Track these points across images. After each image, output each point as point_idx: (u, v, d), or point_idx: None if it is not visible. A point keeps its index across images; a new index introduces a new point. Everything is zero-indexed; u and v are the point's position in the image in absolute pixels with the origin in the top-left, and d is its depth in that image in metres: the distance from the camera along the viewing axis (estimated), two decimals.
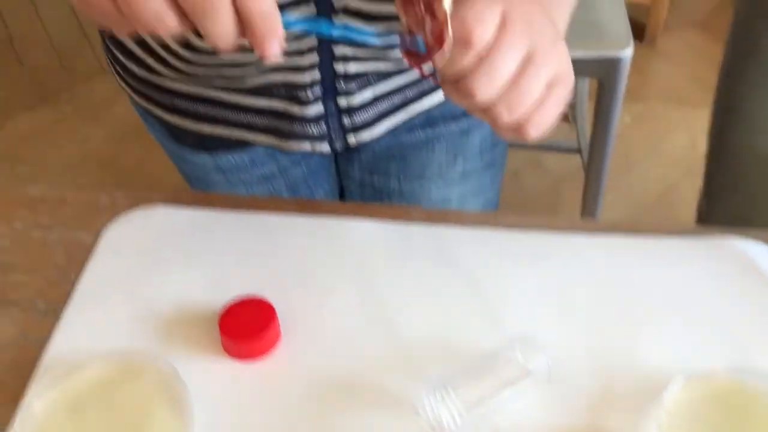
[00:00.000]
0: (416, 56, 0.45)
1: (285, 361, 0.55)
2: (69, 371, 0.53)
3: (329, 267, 0.61)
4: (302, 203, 0.66)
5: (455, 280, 0.59)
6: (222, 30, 0.39)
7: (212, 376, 0.54)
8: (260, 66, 0.63)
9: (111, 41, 0.70)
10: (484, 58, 0.43)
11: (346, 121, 0.68)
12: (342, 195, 0.91)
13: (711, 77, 2.30)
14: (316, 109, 0.66)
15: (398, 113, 0.71)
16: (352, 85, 0.65)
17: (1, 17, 2.42)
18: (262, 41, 0.40)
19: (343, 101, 0.66)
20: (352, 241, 0.63)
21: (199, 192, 0.67)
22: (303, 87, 0.64)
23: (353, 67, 0.64)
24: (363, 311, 0.58)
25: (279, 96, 0.66)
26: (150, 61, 0.67)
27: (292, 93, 0.66)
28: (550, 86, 0.46)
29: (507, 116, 0.45)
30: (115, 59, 0.72)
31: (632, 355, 0.54)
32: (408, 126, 0.76)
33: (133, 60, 0.69)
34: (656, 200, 1.86)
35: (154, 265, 0.61)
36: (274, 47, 0.40)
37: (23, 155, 2.00)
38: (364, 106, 0.68)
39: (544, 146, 1.67)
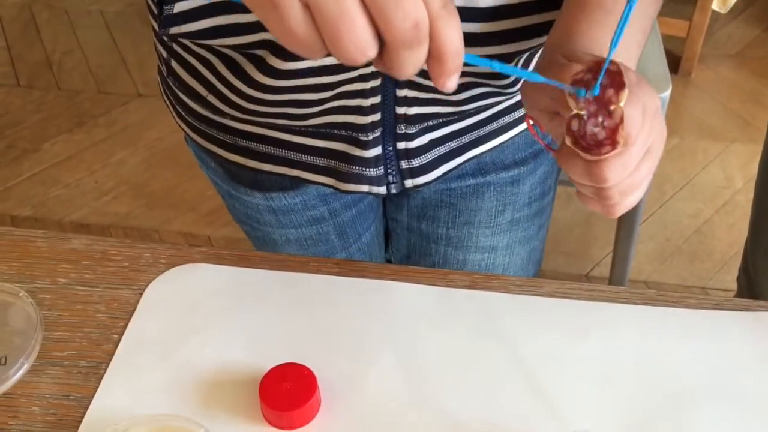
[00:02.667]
0: (581, 139, 0.44)
1: (325, 431, 0.55)
2: None
3: (370, 332, 0.61)
4: (343, 264, 0.66)
5: (499, 351, 0.59)
6: (417, 66, 0.38)
7: None
8: (323, 105, 0.63)
9: (174, 81, 0.71)
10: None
11: (404, 164, 0.68)
12: (387, 238, 0.91)
13: (746, 111, 2.28)
14: (375, 151, 0.67)
15: (454, 158, 0.71)
16: (412, 128, 0.66)
17: (40, 41, 2.46)
18: (449, 75, 0.39)
19: (401, 144, 0.67)
20: (394, 304, 0.62)
21: (239, 250, 0.67)
22: (363, 129, 0.65)
23: (414, 110, 0.64)
24: (405, 382, 0.57)
25: (339, 138, 0.67)
26: (213, 99, 0.67)
27: (352, 135, 0.66)
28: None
29: (617, 198, 0.46)
30: (176, 99, 0.73)
31: None
32: (459, 173, 0.76)
33: (197, 99, 0.69)
34: (690, 235, 1.84)
35: (194, 326, 0.61)
36: (455, 81, 0.39)
37: (58, 178, 2.02)
38: (421, 150, 0.68)
39: None
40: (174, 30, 0.60)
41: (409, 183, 0.70)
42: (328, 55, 0.38)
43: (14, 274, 0.65)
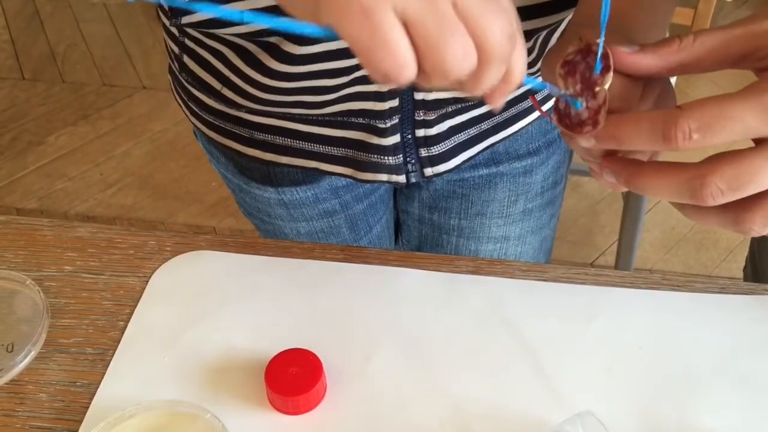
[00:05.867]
0: (565, 117, 0.45)
1: (330, 416, 0.55)
2: (116, 421, 0.54)
3: (375, 317, 0.61)
4: (349, 250, 0.66)
5: (504, 336, 0.59)
6: (495, 84, 0.38)
7: (257, 430, 0.54)
8: (340, 91, 0.63)
9: (186, 77, 0.70)
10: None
11: (423, 152, 0.68)
12: (397, 229, 0.91)
13: None
14: (393, 139, 0.66)
15: (473, 145, 0.71)
16: (431, 114, 0.66)
17: (44, 34, 2.47)
18: (506, 96, 0.40)
19: (420, 132, 0.66)
20: (399, 290, 0.62)
21: (244, 237, 0.68)
22: (381, 116, 0.64)
23: (433, 95, 0.64)
24: (410, 367, 0.57)
25: (357, 126, 0.67)
26: (228, 92, 0.67)
27: (369, 123, 0.66)
28: None
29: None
30: (189, 95, 0.73)
31: (687, 422, 0.53)
32: (472, 164, 0.76)
33: (211, 93, 0.69)
34: (695, 224, 1.84)
35: (200, 312, 0.61)
36: (503, 102, 0.40)
37: (63, 171, 2.03)
38: (440, 138, 0.68)
39: (584, 171, 1.66)
40: (186, 19, 0.59)
41: (428, 171, 0.70)
42: (417, 77, 0.37)
43: (20, 262, 0.66)
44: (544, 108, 0.74)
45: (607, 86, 0.43)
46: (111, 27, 2.47)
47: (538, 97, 0.73)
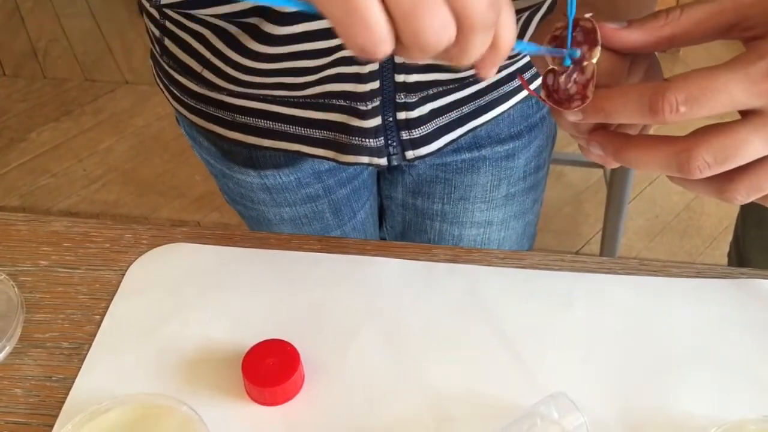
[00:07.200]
0: (554, 93, 0.45)
1: (308, 406, 0.55)
2: (92, 415, 0.53)
3: (353, 307, 0.60)
4: (326, 240, 0.66)
5: (482, 323, 0.59)
6: (481, 53, 0.37)
7: (235, 421, 0.54)
8: (320, 72, 0.63)
9: (168, 60, 0.70)
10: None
11: (405, 135, 0.68)
12: (381, 216, 0.91)
13: None
14: (374, 122, 0.66)
15: (455, 129, 0.71)
16: (412, 97, 0.65)
17: (24, 30, 2.44)
18: (496, 65, 0.39)
19: (401, 114, 0.66)
20: (377, 279, 0.62)
21: (221, 229, 0.67)
22: (362, 98, 0.64)
23: (413, 77, 0.63)
24: (388, 355, 0.57)
25: (338, 109, 0.67)
26: (209, 75, 0.67)
27: (350, 105, 0.66)
28: None
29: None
30: (170, 79, 0.72)
31: (663, 405, 0.53)
32: (454, 148, 0.76)
33: (192, 76, 0.69)
34: (679, 212, 1.85)
35: (176, 305, 0.61)
36: (494, 71, 0.40)
37: (46, 167, 2.01)
38: (422, 120, 0.68)
39: (567, 160, 1.66)
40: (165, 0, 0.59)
41: (410, 154, 0.70)
42: (397, 50, 0.36)
43: None
44: (532, 86, 0.74)
45: (595, 60, 0.43)
46: (92, 21, 2.45)
47: (526, 76, 0.73)
